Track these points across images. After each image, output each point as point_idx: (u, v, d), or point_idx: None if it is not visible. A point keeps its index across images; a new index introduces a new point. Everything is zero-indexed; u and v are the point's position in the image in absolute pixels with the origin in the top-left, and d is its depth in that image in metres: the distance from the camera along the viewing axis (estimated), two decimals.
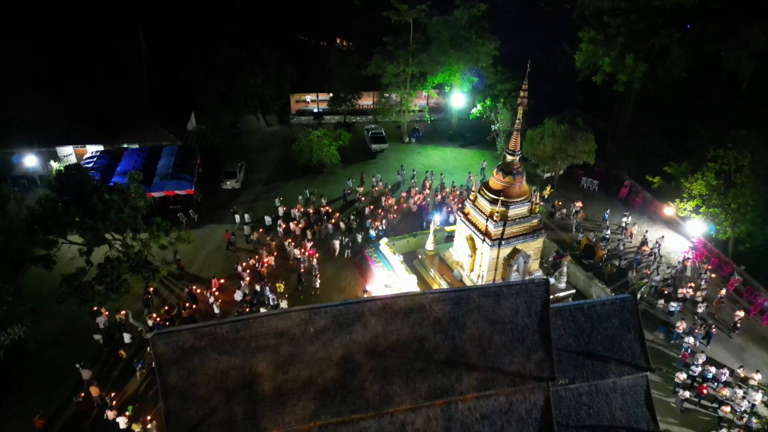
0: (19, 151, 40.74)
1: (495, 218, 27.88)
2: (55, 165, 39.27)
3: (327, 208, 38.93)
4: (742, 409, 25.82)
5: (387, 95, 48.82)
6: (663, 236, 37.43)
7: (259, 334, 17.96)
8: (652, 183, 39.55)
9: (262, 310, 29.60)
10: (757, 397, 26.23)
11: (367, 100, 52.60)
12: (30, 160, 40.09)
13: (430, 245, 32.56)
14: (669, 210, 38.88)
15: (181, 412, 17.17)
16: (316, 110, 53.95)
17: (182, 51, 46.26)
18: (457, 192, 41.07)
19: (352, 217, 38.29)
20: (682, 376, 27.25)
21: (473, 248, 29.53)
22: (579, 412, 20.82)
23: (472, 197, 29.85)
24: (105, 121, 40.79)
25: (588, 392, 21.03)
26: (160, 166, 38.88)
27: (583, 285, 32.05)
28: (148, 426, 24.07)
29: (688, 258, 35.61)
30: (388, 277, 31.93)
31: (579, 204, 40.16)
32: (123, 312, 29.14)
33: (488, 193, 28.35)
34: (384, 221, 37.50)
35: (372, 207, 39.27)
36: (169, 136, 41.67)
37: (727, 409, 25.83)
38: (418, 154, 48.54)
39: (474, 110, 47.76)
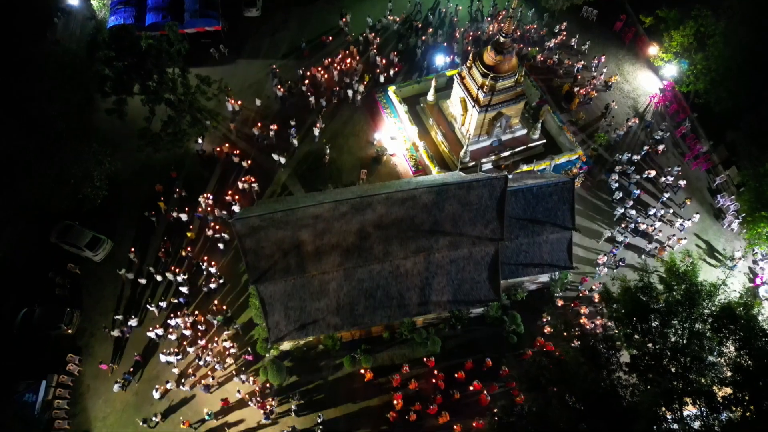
0: None
1: (485, 89, 33.43)
2: (94, 2, 42.21)
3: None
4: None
5: None
6: (687, 202, 37.46)
7: (303, 217, 26.60)
8: (644, 22, 42.56)
9: (349, 91, 40.39)
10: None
11: None
12: None
13: (430, 96, 38.35)
14: (653, 50, 42.78)
15: (255, 263, 26.88)
16: None
17: None
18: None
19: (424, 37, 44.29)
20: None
21: (465, 108, 35.66)
22: (518, 255, 30.48)
23: (468, 65, 34.66)
24: None
25: (527, 243, 30.38)
26: (187, 1, 41.83)
27: (555, 133, 38.81)
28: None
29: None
30: (394, 125, 38.66)
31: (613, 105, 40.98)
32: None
33: (481, 67, 33.26)
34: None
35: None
36: None
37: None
38: None
39: None
